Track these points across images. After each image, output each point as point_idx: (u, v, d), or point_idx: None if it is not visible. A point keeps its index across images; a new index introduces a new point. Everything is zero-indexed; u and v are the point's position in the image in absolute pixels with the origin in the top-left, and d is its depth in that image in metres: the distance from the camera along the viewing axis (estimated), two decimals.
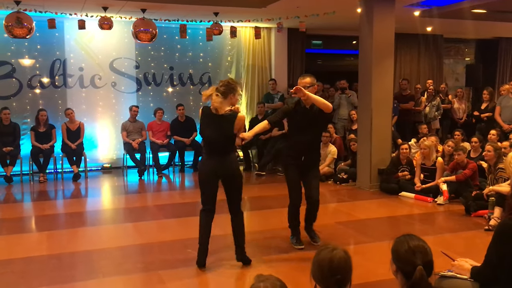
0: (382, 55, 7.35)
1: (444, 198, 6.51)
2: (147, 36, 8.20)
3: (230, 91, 4.11)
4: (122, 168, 9.23)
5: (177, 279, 4.01)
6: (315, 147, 4.79)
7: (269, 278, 1.92)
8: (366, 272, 4.04)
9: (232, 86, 4.14)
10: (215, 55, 10.08)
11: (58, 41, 8.95)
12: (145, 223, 5.76)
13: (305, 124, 4.58)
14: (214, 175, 4.26)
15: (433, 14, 8.36)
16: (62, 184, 8.22)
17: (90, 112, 9.30)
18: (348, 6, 7.65)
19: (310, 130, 4.62)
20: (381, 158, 7.46)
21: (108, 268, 4.27)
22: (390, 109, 7.61)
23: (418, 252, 2.11)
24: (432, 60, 11.80)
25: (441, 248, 2.97)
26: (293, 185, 4.72)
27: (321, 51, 11.70)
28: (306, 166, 4.70)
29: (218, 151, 4.22)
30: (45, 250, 4.74)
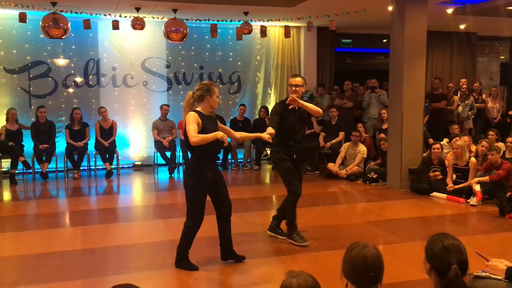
0: (413, 54, 7.24)
1: (477, 199, 6.38)
2: (178, 35, 8.31)
3: (206, 93, 4.05)
4: (152, 166, 9.39)
5: (205, 274, 4.06)
6: (302, 145, 4.97)
7: (301, 274, 1.93)
8: (398, 272, 4.00)
9: (207, 87, 4.06)
10: (244, 54, 10.13)
11: (92, 41, 9.17)
12: (175, 220, 5.82)
13: (296, 124, 4.79)
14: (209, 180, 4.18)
15: (467, 12, 8.19)
16: (95, 181, 8.42)
17: (122, 111, 9.49)
18: (379, 4, 7.57)
19: (300, 129, 4.86)
20: (412, 157, 7.35)
21: (139, 262, 4.36)
22: (422, 108, 7.49)
23: (452, 251, 2.09)
24: (465, 59, 11.54)
25: (475, 249, 2.92)
26: (292, 174, 4.85)
27: (351, 50, 11.60)
28: (297, 162, 4.90)
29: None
30: (80, 244, 4.87)
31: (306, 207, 6.34)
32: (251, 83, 10.25)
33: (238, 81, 10.16)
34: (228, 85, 10.11)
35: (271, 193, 7.59)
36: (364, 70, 11.22)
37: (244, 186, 8.03)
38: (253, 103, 10.32)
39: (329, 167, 8.45)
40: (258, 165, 9.42)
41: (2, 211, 6.31)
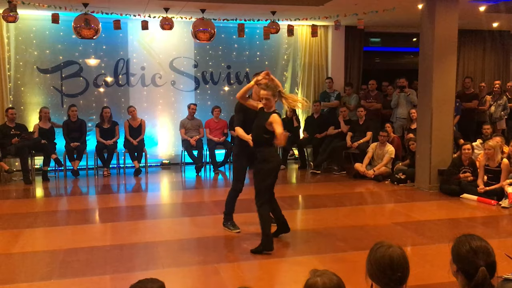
0: (444, 53, 7.10)
1: (509, 201, 6.21)
2: (206, 35, 8.37)
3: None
4: (180, 165, 9.49)
5: (233, 272, 4.08)
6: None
7: (326, 273, 1.93)
8: (426, 274, 3.95)
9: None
10: (271, 54, 10.14)
11: (122, 41, 9.33)
12: (202, 218, 5.90)
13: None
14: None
15: (500, 9, 7.98)
16: (124, 179, 8.57)
17: (150, 110, 9.63)
18: (408, 2, 7.46)
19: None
20: (442, 158, 7.22)
21: (167, 259, 4.42)
22: (452, 108, 7.34)
23: (480, 253, 2.05)
24: (498, 57, 11.26)
25: (506, 252, 2.85)
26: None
27: (380, 49, 11.46)
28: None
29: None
30: (108, 240, 4.97)
31: (333, 207, 6.31)
32: None
33: None
34: None
35: (297, 192, 7.56)
36: (393, 69, 11.07)
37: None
38: (280, 103, 10.24)
39: (356, 167, 8.37)
40: (285, 165, 9.41)
41: (35, 207, 6.49)
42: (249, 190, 7.79)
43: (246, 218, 5.84)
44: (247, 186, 5.39)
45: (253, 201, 4.72)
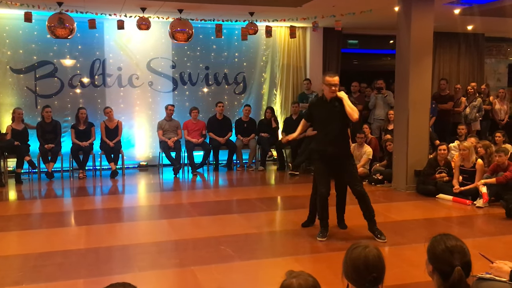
0: (420, 55, 7.19)
1: (483, 201, 6.32)
2: (184, 36, 8.31)
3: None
4: (157, 166, 9.40)
5: (210, 275, 4.04)
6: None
7: (301, 274, 1.91)
8: (402, 274, 3.97)
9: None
10: (250, 55, 10.12)
11: (98, 41, 9.19)
12: (180, 220, 5.84)
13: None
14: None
15: (474, 12, 8.12)
16: (100, 181, 8.44)
17: (127, 111, 9.51)
18: (385, 4, 7.53)
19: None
20: (418, 159, 7.30)
21: (143, 262, 4.35)
22: (428, 109, 7.44)
23: (456, 252, 2.06)
24: (472, 60, 11.46)
25: (480, 251, 2.89)
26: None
27: (357, 51, 11.56)
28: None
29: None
30: (83, 244, 4.88)
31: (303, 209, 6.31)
32: (257, 84, 10.24)
33: (243, 82, 10.15)
34: (234, 86, 10.10)
35: (276, 194, 7.56)
36: (371, 71, 11.18)
37: (249, 187, 8.01)
38: (259, 104, 10.30)
39: None
40: (263, 166, 9.41)
41: (7, 210, 6.33)
42: (243, 191, 7.77)
43: (225, 220, 5.81)
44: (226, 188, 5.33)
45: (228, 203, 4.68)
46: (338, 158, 4.95)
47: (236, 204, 6.85)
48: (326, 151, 4.87)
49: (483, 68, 11.68)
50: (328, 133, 4.87)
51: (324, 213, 5.00)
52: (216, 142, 9.26)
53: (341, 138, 4.97)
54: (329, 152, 4.89)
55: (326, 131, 4.87)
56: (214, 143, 9.27)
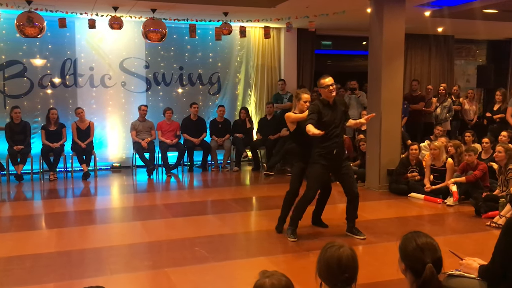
0: (392, 56, 7.30)
1: (454, 199, 6.45)
2: (157, 36, 8.23)
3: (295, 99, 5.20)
4: (131, 167, 9.28)
5: (184, 277, 4.01)
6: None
7: (275, 274, 1.91)
8: (375, 272, 4.02)
9: (295, 95, 5.25)
10: (224, 55, 10.10)
11: (69, 41, 9.02)
12: (154, 222, 5.78)
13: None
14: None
15: (444, 14, 8.29)
16: (72, 183, 8.28)
17: (100, 112, 9.36)
18: (358, 6, 7.62)
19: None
20: (391, 158, 7.41)
21: (116, 265, 4.29)
22: (400, 110, 7.56)
23: (426, 250, 2.09)
24: (443, 61, 11.71)
25: (451, 248, 2.94)
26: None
27: (331, 52, 11.66)
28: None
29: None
30: (54, 247, 4.78)
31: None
32: (231, 84, 10.22)
33: (218, 82, 10.12)
34: (208, 86, 10.06)
35: (251, 194, 7.56)
36: (344, 72, 11.29)
37: (224, 187, 7.99)
38: (233, 104, 10.28)
39: None
40: (238, 167, 9.39)
41: None
42: (217, 191, 7.72)
43: (199, 221, 5.78)
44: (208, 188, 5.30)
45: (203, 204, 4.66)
46: (342, 160, 5.03)
47: (210, 205, 6.83)
48: (333, 153, 4.87)
49: (453, 69, 11.94)
50: (336, 136, 4.88)
51: (301, 214, 5.02)
52: (190, 143, 9.21)
53: (343, 140, 5.11)
54: (336, 154, 4.89)
55: (333, 134, 4.86)
56: (189, 143, 9.21)
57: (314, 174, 4.93)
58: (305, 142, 5.05)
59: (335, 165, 4.96)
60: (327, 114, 4.84)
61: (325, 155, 4.85)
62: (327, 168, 4.96)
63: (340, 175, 5.06)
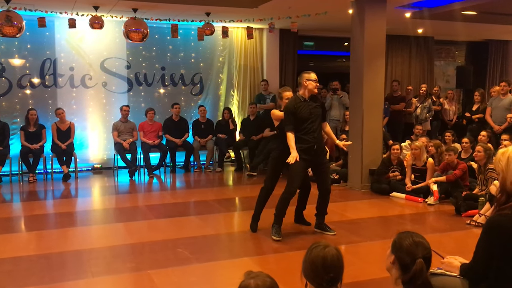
0: (373, 57, 7.37)
1: (434, 198, 6.54)
2: (139, 35, 8.16)
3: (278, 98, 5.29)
4: (112, 169, 9.18)
5: (167, 278, 3.98)
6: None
7: (259, 275, 1.91)
8: (358, 271, 4.05)
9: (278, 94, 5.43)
10: (207, 56, 10.06)
11: (49, 40, 8.89)
12: (136, 223, 5.72)
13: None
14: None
15: (424, 16, 8.40)
16: (52, 185, 8.15)
17: (80, 112, 9.24)
18: (339, 7, 7.67)
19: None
20: (372, 158, 7.48)
21: (97, 267, 4.23)
22: (381, 110, 7.63)
23: (420, 247, 2.12)
24: (423, 62, 11.86)
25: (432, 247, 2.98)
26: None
27: (313, 53, 11.72)
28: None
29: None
30: (34, 250, 4.70)
31: (270, 209, 6.32)
32: (214, 85, 10.19)
33: (200, 83, 10.08)
34: (191, 87, 10.02)
35: (234, 195, 7.55)
36: (327, 73, 11.35)
37: (207, 188, 7.96)
38: (216, 105, 10.26)
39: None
40: (221, 167, 9.37)
41: None
42: (200, 192, 7.68)
43: (182, 222, 5.75)
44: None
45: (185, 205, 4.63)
46: (323, 156, 5.15)
47: (193, 206, 6.79)
48: (313, 148, 4.91)
49: (433, 70, 12.11)
50: (313, 131, 4.93)
51: (285, 211, 5.06)
52: (173, 143, 9.15)
53: (321, 135, 5.15)
54: (317, 149, 4.95)
55: (311, 129, 4.91)
56: (171, 144, 9.15)
57: (295, 169, 4.91)
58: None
59: (316, 160, 5.02)
60: (303, 109, 4.89)
61: (305, 150, 4.88)
62: (308, 163, 4.99)
63: (319, 171, 5.11)
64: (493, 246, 2.23)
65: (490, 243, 2.25)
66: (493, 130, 8.03)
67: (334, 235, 5.08)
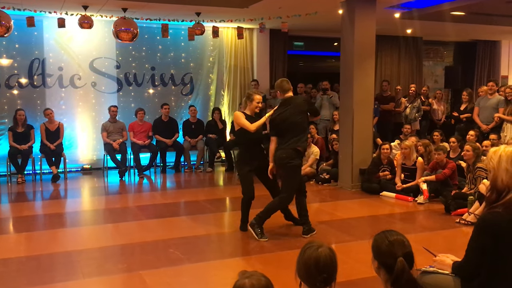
0: (363, 57, 7.40)
1: (424, 197, 6.58)
2: (128, 35, 8.12)
3: (247, 100, 5.19)
4: (102, 169, 9.12)
5: (159, 279, 3.96)
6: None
7: (254, 274, 1.91)
8: (349, 270, 4.06)
9: (247, 95, 5.24)
10: (197, 56, 10.04)
11: (37, 40, 8.81)
12: (126, 224, 5.69)
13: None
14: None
15: (413, 16, 8.46)
16: (40, 186, 8.08)
17: (69, 112, 9.17)
18: (330, 7, 7.70)
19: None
20: (363, 158, 7.51)
21: (88, 269, 4.20)
22: (371, 110, 7.67)
23: (397, 245, 2.14)
24: (412, 62, 11.95)
25: (423, 245, 3.00)
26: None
27: (303, 53, 11.75)
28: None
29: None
30: (23, 251, 4.65)
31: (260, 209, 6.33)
32: (204, 85, 10.17)
33: (190, 83, 10.05)
34: (181, 87, 9.98)
35: (225, 195, 7.54)
36: (317, 73, 11.39)
37: (197, 188, 7.94)
38: (206, 105, 10.24)
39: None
40: (212, 167, 9.35)
41: None
42: (191, 192, 7.66)
43: (173, 223, 5.73)
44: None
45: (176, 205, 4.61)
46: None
47: (184, 206, 6.77)
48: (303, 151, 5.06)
49: (422, 70, 12.21)
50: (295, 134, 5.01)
51: (270, 216, 5.05)
52: (163, 143, 9.12)
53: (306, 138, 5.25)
54: (304, 151, 5.16)
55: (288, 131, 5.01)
56: (161, 144, 9.12)
57: (294, 176, 4.94)
58: (252, 143, 5.12)
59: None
60: (281, 112, 4.93)
61: (299, 153, 4.93)
62: (300, 167, 5.05)
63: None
64: (485, 244, 2.25)
65: (482, 241, 2.27)
66: (480, 130, 8.11)
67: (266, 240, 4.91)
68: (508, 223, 2.23)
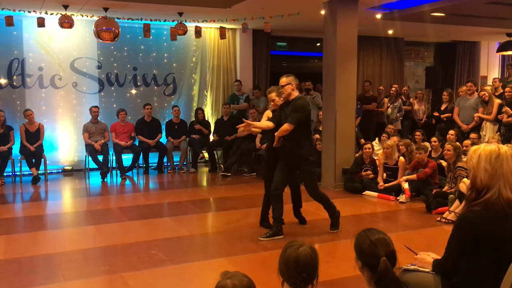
0: (345, 57, 7.45)
1: (406, 196, 6.66)
2: (110, 35, 8.04)
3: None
4: (84, 171, 9.01)
5: (142, 280, 3.93)
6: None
7: (236, 275, 1.91)
8: (332, 269, 4.08)
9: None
10: (179, 56, 9.99)
11: (16, 40, 8.68)
12: (108, 226, 5.64)
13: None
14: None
15: (394, 17, 8.54)
16: (20, 187, 7.95)
17: (50, 113, 9.05)
18: (312, 8, 7.73)
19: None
20: (345, 158, 7.56)
21: (70, 271, 4.14)
22: (354, 110, 7.72)
23: (379, 244, 2.15)
24: (393, 63, 12.07)
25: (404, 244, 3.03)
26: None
27: (286, 53, 11.78)
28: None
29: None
30: (3, 254, 4.57)
31: (244, 209, 6.34)
32: (187, 85, 10.13)
33: (173, 83, 10.00)
34: (163, 87, 9.92)
35: (208, 195, 7.52)
36: (299, 73, 11.37)
37: (180, 189, 7.90)
38: (189, 105, 10.19)
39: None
40: (195, 168, 9.32)
41: None
42: (174, 193, 7.61)
43: (156, 224, 5.69)
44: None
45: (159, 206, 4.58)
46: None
47: (167, 207, 6.73)
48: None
49: (403, 71, 12.34)
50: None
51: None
52: (145, 144, 9.05)
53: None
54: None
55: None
56: (144, 145, 9.05)
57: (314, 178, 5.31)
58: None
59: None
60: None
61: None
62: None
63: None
64: (464, 242, 2.28)
65: (461, 239, 2.30)
66: (460, 129, 8.23)
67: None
68: (487, 221, 2.26)
